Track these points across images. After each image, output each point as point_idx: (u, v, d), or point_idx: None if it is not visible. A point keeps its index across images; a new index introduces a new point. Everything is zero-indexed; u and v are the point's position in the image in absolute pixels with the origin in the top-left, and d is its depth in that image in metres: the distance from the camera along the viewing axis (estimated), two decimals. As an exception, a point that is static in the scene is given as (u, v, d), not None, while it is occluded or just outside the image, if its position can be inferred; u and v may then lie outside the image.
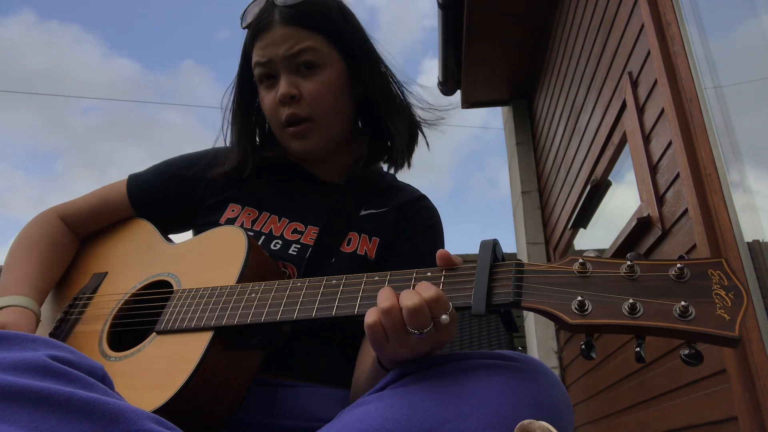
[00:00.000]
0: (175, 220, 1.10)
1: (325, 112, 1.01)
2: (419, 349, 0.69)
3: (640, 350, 0.59)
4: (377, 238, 1.02)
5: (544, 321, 3.92)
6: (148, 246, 1.04)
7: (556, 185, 3.77)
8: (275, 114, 1.02)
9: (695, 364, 0.56)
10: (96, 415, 0.53)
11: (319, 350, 0.93)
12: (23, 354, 0.57)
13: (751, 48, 1.78)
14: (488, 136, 40.44)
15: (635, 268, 0.61)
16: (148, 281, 0.96)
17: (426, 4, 21.76)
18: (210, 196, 1.07)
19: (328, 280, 0.77)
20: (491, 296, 0.65)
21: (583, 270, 0.63)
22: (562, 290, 0.62)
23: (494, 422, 0.61)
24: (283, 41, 0.99)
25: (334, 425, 0.69)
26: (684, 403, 2.01)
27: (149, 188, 1.10)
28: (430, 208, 1.10)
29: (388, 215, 1.05)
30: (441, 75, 4.51)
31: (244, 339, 0.82)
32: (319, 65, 1.01)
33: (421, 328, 0.65)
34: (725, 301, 0.56)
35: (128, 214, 1.11)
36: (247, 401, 0.85)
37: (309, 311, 0.75)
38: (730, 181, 1.71)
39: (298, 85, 0.99)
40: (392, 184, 1.14)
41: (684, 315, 0.56)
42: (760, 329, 1.55)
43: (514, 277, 0.65)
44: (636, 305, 0.58)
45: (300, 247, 0.98)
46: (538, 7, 3.64)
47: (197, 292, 0.86)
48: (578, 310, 0.60)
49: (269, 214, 1.03)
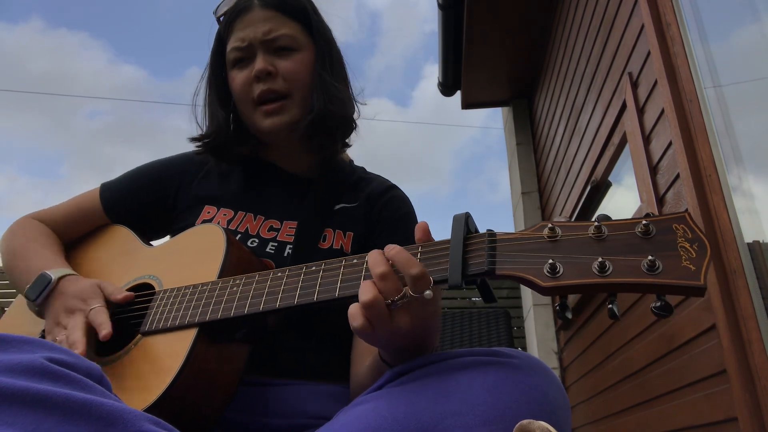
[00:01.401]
0: (151, 225, 1.10)
1: (300, 88, 1.03)
2: (406, 329, 0.68)
3: (612, 307, 0.61)
4: (351, 232, 1.02)
5: (544, 321, 3.92)
6: (127, 250, 1.04)
7: (556, 186, 3.77)
8: (248, 91, 1.03)
9: (665, 315, 0.57)
10: (94, 416, 0.53)
11: (307, 347, 0.94)
12: (20, 356, 0.57)
13: (751, 48, 1.78)
14: (488, 140, 40.34)
15: (602, 229, 0.62)
16: (130, 285, 0.96)
17: (426, 9, 21.69)
18: (184, 199, 1.08)
19: (307, 267, 0.78)
20: (466, 267, 0.66)
21: (552, 234, 0.64)
22: (533, 255, 0.63)
23: (491, 419, 0.61)
24: (262, 23, 1.02)
25: (332, 425, 0.69)
26: (684, 403, 2.01)
27: (122, 195, 1.11)
28: (401, 197, 1.11)
29: (359, 209, 1.06)
30: (441, 75, 4.52)
31: (229, 333, 0.82)
32: (295, 49, 1.04)
33: (393, 295, 0.65)
34: (690, 253, 0.57)
35: (103, 222, 1.11)
36: (238, 401, 0.85)
37: (291, 299, 0.75)
38: (730, 182, 1.71)
39: (274, 63, 1.02)
40: (362, 176, 1.14)
41: (652, 269, 0.57)
42: (760, 329, 1.54)
43: (488, 246, 0.66)
44: (605, 263, 0.59)
45: (277, 245, 0.99)
46: (538, 8, 3.64)
47: (179, 291, 0.86)
48: (550, 273, 0.61)
49: (245, 213, 1.03)
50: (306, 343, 0.94)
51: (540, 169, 4.28)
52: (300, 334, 0.93)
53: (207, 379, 0.79)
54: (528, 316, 4.17)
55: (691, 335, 1.93)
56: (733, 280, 1.63)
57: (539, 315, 3.93)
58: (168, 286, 0.89)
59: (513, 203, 4.61)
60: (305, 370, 0.92)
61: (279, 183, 1.09)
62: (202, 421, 0.79)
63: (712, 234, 1.69)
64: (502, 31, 3.77)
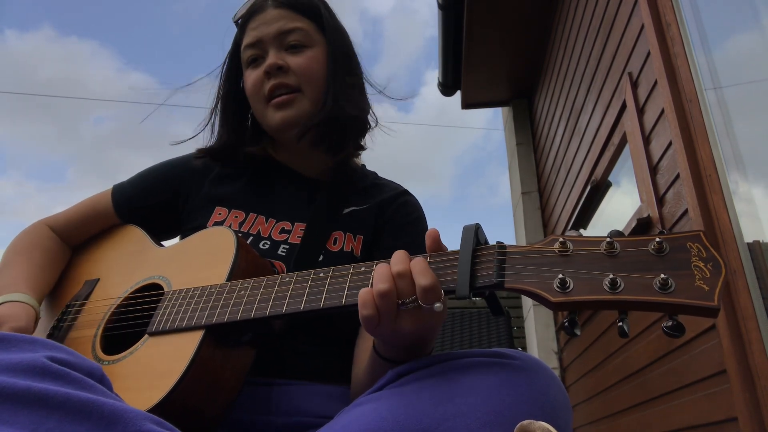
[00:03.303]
0: (162, 225, 1.10)
1: (311, 84, 1.03)
2: (409, 328, 0.68)
3: (623, 325, 0.60)
4: (361, 235, 1.02)
5: (544, 321, 3.92)
6: (138, 250, 1.04)
7: (556, 186, 3.77)
8: (259, 89, 1.03)
9: (677, 335, 0.57)
10: (95, 416, 0.53)
11: (312, 350, 0.94)
12: (22, 355, 0.57)
13: (751, 48, 1.78)
14: (488, 146, 40.40)
15: (615, 245, 0.61)
16: (139, 285, 0.96)
17: (427, 13, 21.63)
18: (194, 200, 1.07)
19: (315, 273, 0.78)
20: (475, 279, 0.66)
21: (563, 249, 0.63)
22: (543, 269, 0.62)
23: (492, 420, 0.61)
24: (274, 21, 1.03)
25: (333, 425, 0.69)
26: (684, 403, 2.01)
27: (132, 196, 1.11)
28: (413, 202, 1.11)
29: (369, 212, 1.06)
30: (441, 75, 4.52)
31: (235, 336, 0.82)
32: (307, 46, 1.04)
33: (405, 297, 0.66)
34: (704, 273, 0.56)
35: (115, 222, 1.12)
36: (242, 400, 0.85)
37: (297, 305, 0.75)
38: (730, 182, 1.71)
39: (285, 59, 1.03)
40: (374, 181, 1.14)
41: (664, 288, 0.56)
42: (760, 329, 1.55)
43: (497, 259, 0.66)
44: (616, 280, 0.58)
45: (288, 248, 0.98)
46: (539, 8, 3.64)
47: (188, 293, 0.86)
48: (560, 288, 0.60)
49: (256, 215, 1.02)
50: (311, 346, 0.94)
51: (540, 169, 4.28)
52: (305, 337, 0.93)
53: (211, 381, 0.79)
54: (528, 316, 4.17)
55: (691, 335, 1.93)
56: (733, 280, 1.63)
57: (539, 315, 3.93)
58: (177, 287, 0.90)
59: (513, 203, 4.61)
60: (309, 371, 0.92)
61: (290, 185, 1.08)
62: (205, 422, 0.79)
63: (712, 234, 1.69)
64: (502, 31, 3.77)
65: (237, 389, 0.82)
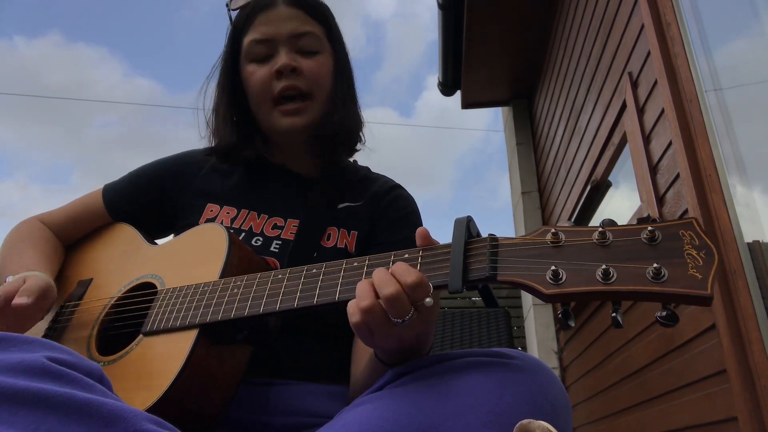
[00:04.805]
0: (154, 223, 1.10)
1: (322, 91, 1.03)
2: (406, 335, 0.68)
3: (616, 315, 0.59)
4: (355, 231, 1.02)
5: (544, 321, 3.92)
6: (131, 249, 1.04)
7: (556, 185, 3.77)
8: (267, 88, 1.01)
9: (671, 325, 0.56)
10: (94, 416, 0.53)
11: (308, 348, 0.93)
12: (21, 355, 0.57)
13: (751, 48, 1.78)
14: (488, 149, 40.20)
15: (607, 234, 0.61)
16: (133, 284, 0.96)
17: (428, 16, 21.46)
18: (186, 197, 1.07)
19: (308, 269, 0.77)
20: (467, 272, 0.65)
21: (555, 240, 0.63)
22: (536, 261, 0.62)
23: (492, 420, 0.61)
24: (288, 20, 1.01)
25: (333, 425, 0.69)
26: (684, 403, 2.01)
27: (124, 195, 1.11)
28: (405, 196, 1.10)
29: (363, 207, 1.05)
30: (441, 75, 4.52)
31: (230, 334, 0.82)
32: (318, 51, 1.03)
33: (403, 315, 0.64)
34: (697, 261, 0.56)
35: (107, 221, 1.12)
36: (240, 400, 0.85)
37: (291, 301, 0.75)
38: (730, 182, 1.71)
39: (298, 61, 1.01)
40: (366, 175, 1.14)
41: (657, 277, 0.56)
42: (760, 329, 1.54)
43: (489, 251, 0.65)
44: (609, 270, 0.57)
45: (281, 243, 0.98)
46: (539, 8, 3.64)
47: (181, 291, 0.86)
48: (552, 280, 0.60)
49: (248, 211, 1.02)
50: (307, 344, 0.93)
51: (540, 169, 4.28)
52: (301, 335, 0.93)
53: (208, 380, 0.79)
54: (528, 316, 4.17)
55: (691, 335, 1.93)
56: (733, 280, 1.63)
57: (539, 315, 3.93)
58: (170, 286, 0.89)
59: (513, 203, 4.61)
60: (307, 371, 0.92)
61: (282, 181, 1.08)
62: (203, 421, 0.79)
63: (712, 234, 1.69)
64: (502, 31, 3.77)
65: (233, 387, 0.82)
